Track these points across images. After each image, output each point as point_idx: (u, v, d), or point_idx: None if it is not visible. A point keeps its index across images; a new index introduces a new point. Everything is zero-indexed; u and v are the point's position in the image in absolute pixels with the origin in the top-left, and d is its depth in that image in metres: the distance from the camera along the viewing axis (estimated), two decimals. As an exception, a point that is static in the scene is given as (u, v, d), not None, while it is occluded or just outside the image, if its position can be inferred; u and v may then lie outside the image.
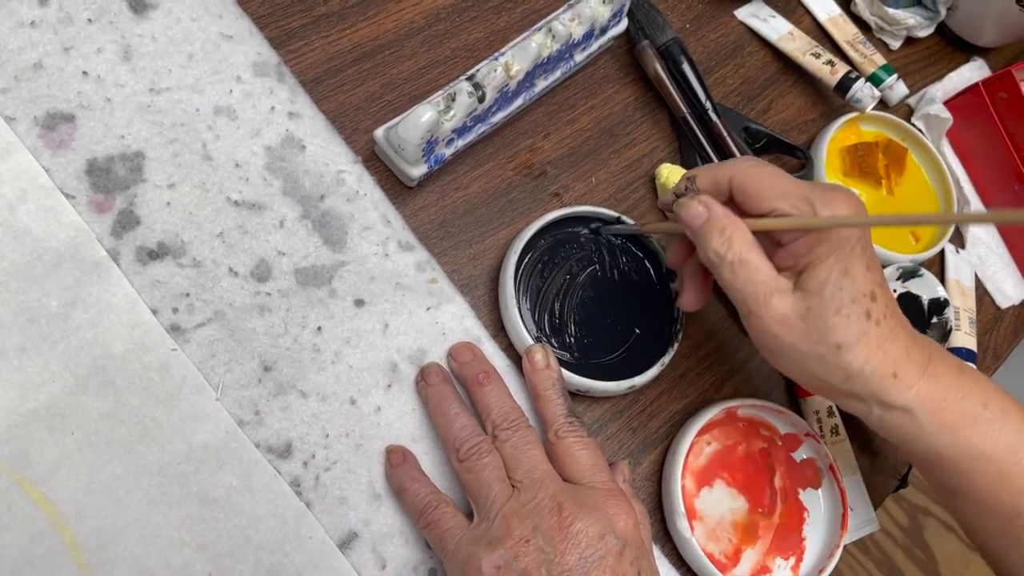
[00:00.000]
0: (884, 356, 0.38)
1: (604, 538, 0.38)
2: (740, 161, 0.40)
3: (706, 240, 0.39)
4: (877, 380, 0.38)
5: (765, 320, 0.38)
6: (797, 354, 0.38)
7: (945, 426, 0.39)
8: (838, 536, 0.48)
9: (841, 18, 0.64)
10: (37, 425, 0.36)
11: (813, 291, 0.37)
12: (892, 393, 0.38)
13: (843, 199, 0.38)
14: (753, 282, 0.38)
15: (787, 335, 0.38)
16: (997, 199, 0.64)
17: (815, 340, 0.37)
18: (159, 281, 0.40)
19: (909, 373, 0.38)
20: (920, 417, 0.39)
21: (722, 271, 0.38)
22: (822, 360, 0.38)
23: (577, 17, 0.48)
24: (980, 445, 0.39)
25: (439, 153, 0.45)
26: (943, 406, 0.39)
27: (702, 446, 0.48)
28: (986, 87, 0.61)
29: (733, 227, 0.38)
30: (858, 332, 0.37)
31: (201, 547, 0.38)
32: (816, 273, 0.37)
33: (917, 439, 0.39)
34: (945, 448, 0.39)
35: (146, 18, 0.43)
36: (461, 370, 0.44)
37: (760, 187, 0.39)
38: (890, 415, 0.39)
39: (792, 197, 0.38)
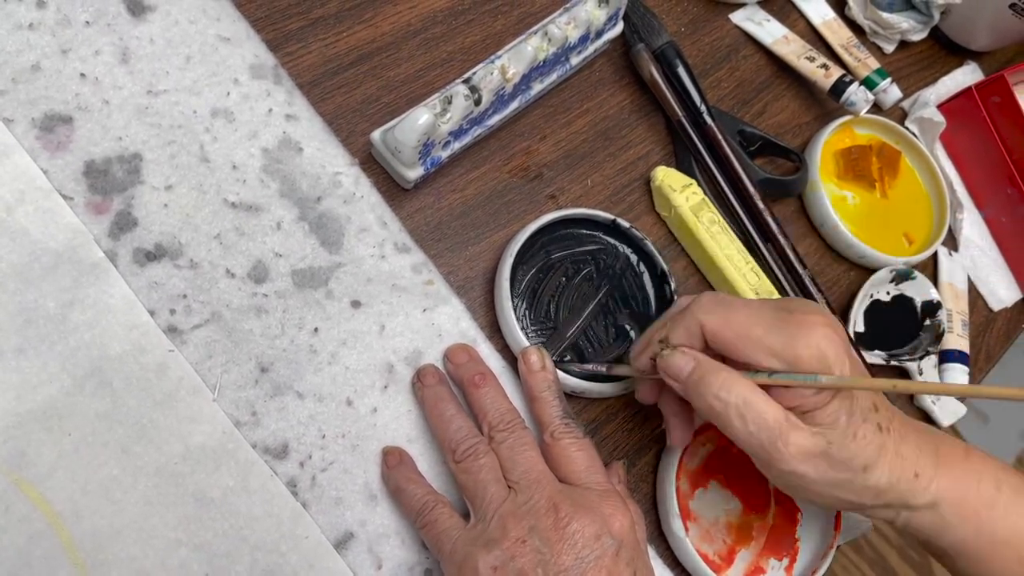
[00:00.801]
0: (903, 461, 0.38)
1: (600, 539, 0.38)
2: (705, 303, 0.39)
3: (702, 389, 0.38)
4: (904, 487, 0.38)
5: (788, 461, 0.37)
6: (825, 487, 0.38)
7: (967, 516, 0.39)
8: (831, 537, 0.48)
9: (835, 22, 0.65)
10: (35, 426, 0.37)
11: (829, 424, 0.37)
12: (917, 494, 0.39)
13: (821, 336, 0.37)
14: (766, 426, 0.37)
15: (812, 471, 0.37)
16: (989, 202, 0.64)
17: (841, 469, 0.37)
18: (156, 282, 0.40)
19: (926, 469, 0.39)
20: (944, 510, 0.39)
21: (729, 418, 0.37)
22: (851, 485, 0.38)
23: (573, 20, 0.48)
24: (1000, 531, 0.39)
25: (435, 156, 0.46)
26: (962, 495, 0.39)
27: (697, 447, 0.48)
28: (979, 91, 0.62)
29: (727, 372, 0.37)
30: (877, 448, 0.38)
31: (198, 547, 0.38)
32: (828, 410, 0.37)
33: (943, 533, 0.39)
34: (969, 538, 0.39)
35: (144, 20, 0.43)
36: (457, 372, 0.44)
37: (733, 338, 0.38)
38: (917, 516, 0.39)
39: (769, 350, 0.37)
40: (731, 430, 0.38)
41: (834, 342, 0.37)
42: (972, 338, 0.61)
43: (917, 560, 1.50)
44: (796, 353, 0.37)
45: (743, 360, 0.38)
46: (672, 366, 0.39)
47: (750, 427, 0.37)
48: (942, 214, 0.60)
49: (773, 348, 0.37)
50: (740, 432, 0.37)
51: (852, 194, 0.60)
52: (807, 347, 0.36)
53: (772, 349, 0.37)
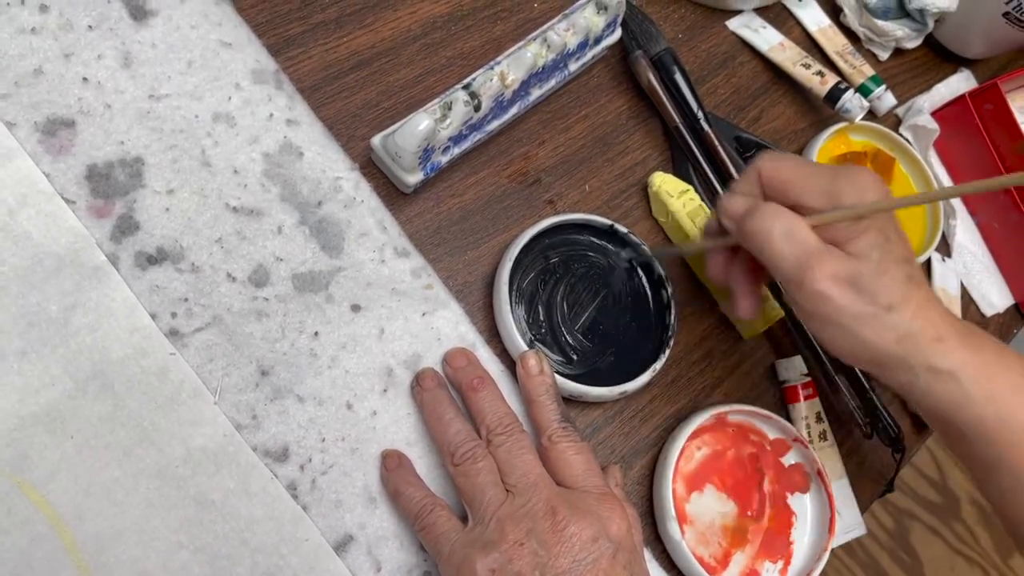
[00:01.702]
0: (927, 319, 0.39)
1: (597, 541, 0.38)
2: (764, 156, 0.42)
3: (755, 217, 0.39)
4: (926, 342, 0.38)
5: (818, 281, 0.38)
6: (849, 317, 0.38)
7: (988, 394, 0.38)
8: (825, 540, 0.48)
9: (831, 29, 0.65)
10: (37, 429, 0.37)
11: (862, 255, 0.38)
12: (939, 356, 0.38)
13: (866, 179, 0.39)
14: (804, 248, 0.38)
15: (839, 296, 0.38)
16: (982, 209, 0.65)
17: (866, 301, 0.38)
18: (158, 286, 0.41)
19: (951, 338, 0.39)
20: (966, 384, 0.38)
21: (772, 240, 0.38)
22: (874, 321, 0.38)
23: (572, 27, 0.49)
24: (1021, 417, 0.38)
25: (435, 161, 0.46)
26: (987, 374, 0.39)
27: (692, 451, 0.49)
28: (972, 98, 0.62)
29: (776, 206, 0.39)
30: (904, 293, 0.38)
31: (199, 549, 0.38)
32: (861, 240, 0.38)
33: (962, 407, 0.39)
34: (989, 418, 0.38)
35: (146, 25, 0.44)
36: (456, 375, 0.44)
37: (785, 178, 0.40)
38: (937, 381, 0.39)
39: (816, 187, 0.39)
40: (772, 251, 0.39)
41: (875, 187, 0.39)
42: (965, 343, 0.62)
43: (908, 562, 1.51)
44: (839, 190, 0.38)
45: (792, 199, 0.40)
46: (730, 205, 0.41)
47: (789, 247, 0.38)
48: (935, 220, 0.61)
49: (819, 187, 0.39)
50: (780, 252, 0.38)
51: (847, 200, 0.60)
52: (850, 187, 0.38)
53: (818, 188, 0.39)
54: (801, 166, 0.40)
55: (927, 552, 1.53)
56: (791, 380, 0.53)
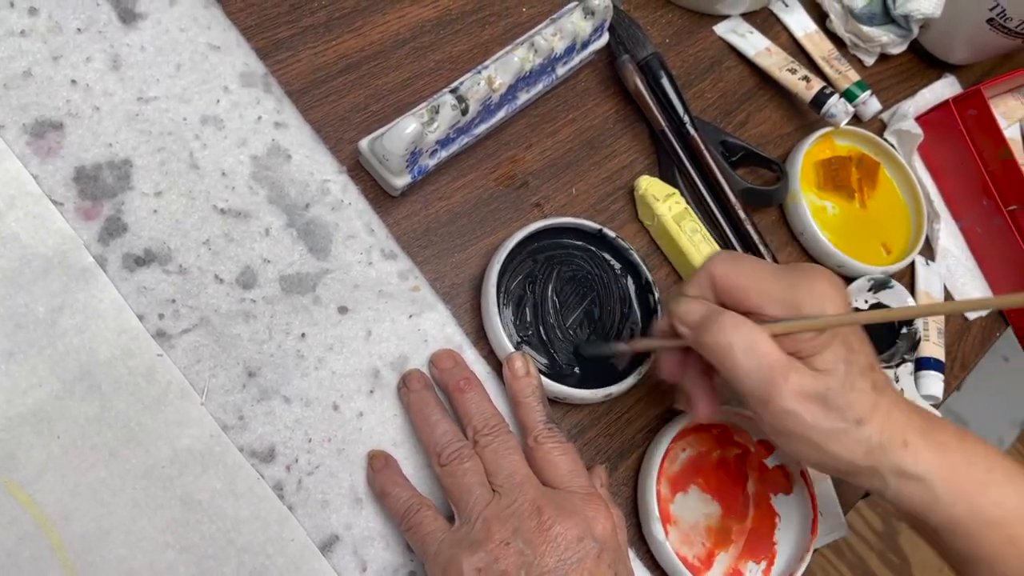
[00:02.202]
0: (894, 426, 0.39)
1: (582, 541, 0.39)
2: (717, 259, 0.41)
3: (711, 328, 0.38)
4: (893, 450, 0.39)
5: (786, 400, 0.37)
6: (817, 434, 0.38)
7: (958, 494, 0.39)
8: (808, 540, 0.49)
9: (817, 35, 0.66)
10: (24, 429, 0.37)
11: (828, 371, 0.38)
12: (907, 462, 0.39)
13: (824, 286, 0.38)
14: (768, 363, 0.37)
15: (808, 414, 0.38)
16: (966, 213, 0.66)
17: (835, 418, 0.38)
18: (145, 287, 0.41)
19: (917, 441, 0.39)
20: (935, 485, 0.39)
21: (734, 356, 0.38)
22: (845, 436, 0.38)
23: (559, 32, 0.49)
24: (992, 512, 0.39)
25: (423, 164, 0.46)
26: (954, 473, 0.39)
27: (677, 452, 0.49)
28: (956, 104, 0.63)
29: (734, 315, 0.39)
30: (871, 404, 0.38)
31: (185, 549, 0.38)
32: (827, 354, 0.38)
33: (933, 509, 0.40)
34: (959, 516, 0.39)
35: (135, 28, 0.44)
36: (442, 377, 0.45)
37: (742, 285, 0.39)
38: (907, 486, 0.39)
39: (775, 297, 0.38)
40: (734, 368, 0.38)
41: (834, 294, 0.38)
42: (947, 346, 0.62)
43: (896, 563, 1.51)
44: (798, 300, 0.38)
45: (750, 308, 0.39)
46: (683, 311, 0.40)
47: (752, 363, 0.37)
48: (919, 224, 0.61)
49: (777, 295, 0.38)
50: (743, 368, 0.38)
51: (832, 204, 0.61)
52: (809, 295, 0.38)
53: (776, 296, 0.38)
54: (757, 271, 0.40)
55: (915, 554, 1.54)
56: (775, 382, 0.54)
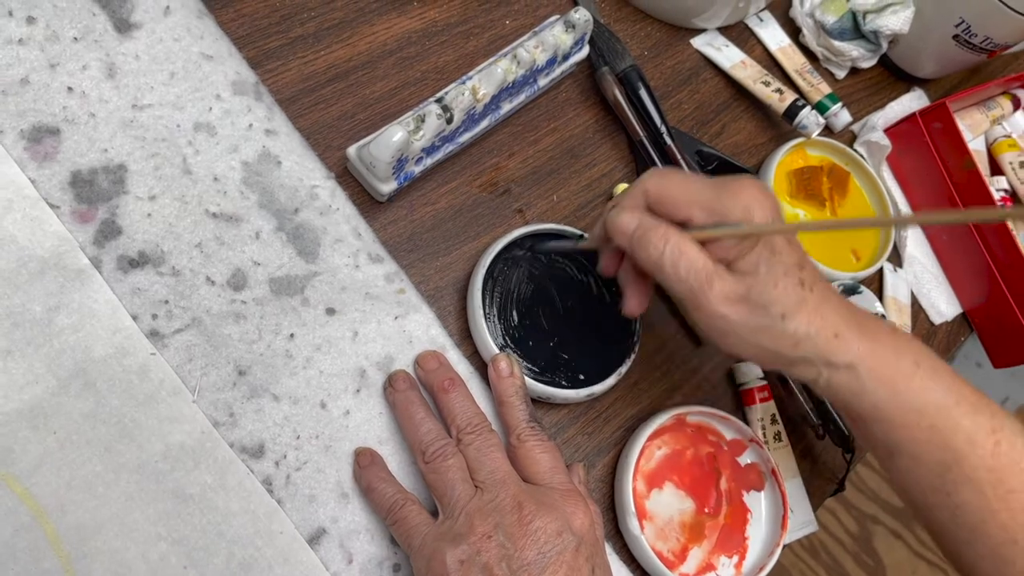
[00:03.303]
0: (823, 319, 0.40)
1: (561, 535, 0.40)
2: (650, 174, 0.42)
3: (643, 241, 0.40)
4: (823, 342, 0.40)
5: (712, 303, 0.39)
6: (746, 330, 0.40)
7: (884, 381, 0.41)
8: (779, 536, 0.51)
9: (790, 48, 0.68)
10: (21, 424, 0.38)
11: (749, 271, 0.40)
12: (837, 352, 0.40)
13: (750, 191, 0.40)
14: (695, 270, 0.39)
15: (733, 314, 0.40)
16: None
17: (760, 314, 0.40)
18: (139, 289, 0.42)
19: (847, 333, 0.41)
20: (862, 374, 0.41)
21: (664, 265, 0.40)
22: (770, 331, 0.40)
23: (541, 44, 0.51)
24: (914, 400, 0.41)
25: (409, 170, 0.48)
26: (882, 363, 0.41)
27: (653, 450, 0.51)
28: (922, 117, 0.65)
29: (666, 226, 0.40)
30: (797, 300, 0.40)
31: (177, 541, 0.40)
32: (748, 258, 0.40)
33: (860, 396, 0.41)
34: (884, 403, 0.41)
35: (130, 37, 0.45)
36: (427, 377, 0.46)
37: (672, 196, 0.41)
38: (836, 375, 0.41)
39: (702, 205, 0.40)
40: (666, 276, 0.40)
41: (760, 200, 0.40)
42: (914, 349, 0.64)
43: (871, 565, 1.54)
44: (724, 207, 0.39)
45: (679, 217, 0.40)
46: (618, 222, 0.41)
47: (681, 272, 0.39)
48: (888, 232, 0.64)
49: (703, 203, 0.40)
50: (672, 277, 0.40)
51: (804, 212, 0.63)
52: (735, 203, 0.39)
53: (703, 203, 0.40)
54: (686, 182, 0.41)
55: (889, 556, 1.56)
56: (747, 383, 0.56)
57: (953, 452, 0.41)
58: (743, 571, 0.51)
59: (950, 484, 0.41)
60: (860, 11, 0.66)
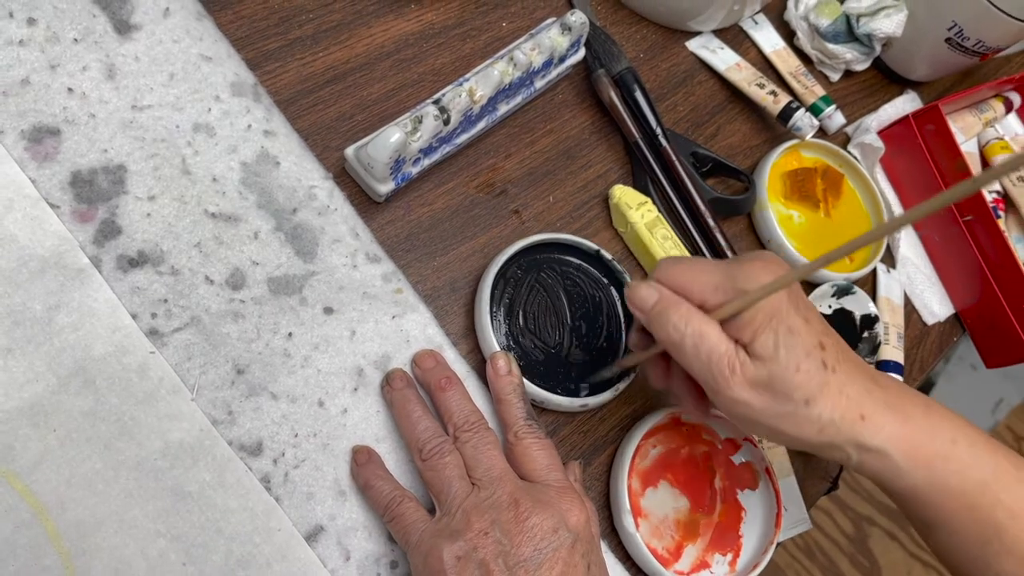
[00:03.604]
0: (848, 401, 0.40)
1: (557, 532, 0.41)
2: (661, 264, 0.43)
3: (663, 319, 0.40)
4: (848, 426, 0.40)
5: (735, 390, 0.39)
6: (769, 418, 0.40)
7: (920, 464, 0.40)
8: (772, 534, 0.51)
9: (785, 51, 0.69)
10: (21, 421, 0.39)
11: (768, 357, 0.39)
12: (865, 435, 0.40)
13: (763, 268, 0.40)
14: (716, 355, 0.39)
15: (756, 402, 0.39)
16: (924, 223, 0.69)
17: (783, 401, 0.39)
18: (139, 288, 0.42)
19: (875, 413, 0.40)
20: (895, 457, 0.40)
21: (685, 347, 0.40)
22: (794, 418, 0.39)
23: (537, 46, 0.51)
24: (952, 481, 0.41)
25: (406, 171, 0.48)
26: (916, 445, 0.40)
27: (648, 449, 0.51)
28: (915, 119, 0.66)
29: (687, 305, 0.40)
30: (820, 384, 0.39)
31: (176, 538, 0.40)
32: (764, 340, 0.39)
33: (895, 478, 0.41)
34: (920, 485, 0.41)
35: (130, 39, 0.46)
36: (424, 376, 0.47)
37: (683, 283, 0.41)
38: (868, 457, 0.41)
39: (717, 288, 0.40)
40: (686, 358, 0.40)
41: (775, 268, 0.40)
42: (907, 350, 0.65)
43: (867, 566, 1.55)
44: (737, 285, 0.39)
45: (696, 302, 0.40)
46: (638, 296, 0.42)
47: (702, 356, 0.39)
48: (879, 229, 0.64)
49: (715, 283, 0.40)
50: (694, 360, 0.40)
51: (798, 213, 0.63)
52: (747, 278, 0.39)
53: (715, 284, 0.40)
54: (695, 266, 0.41)
55: (885, 557, 1.57)
56: (742, 383, 0.56)
57: (994, 527, 0.41)
58: (737, 569, 0.51)
59: (991, 556, 0.41)
60: (854, 14, 0.67)
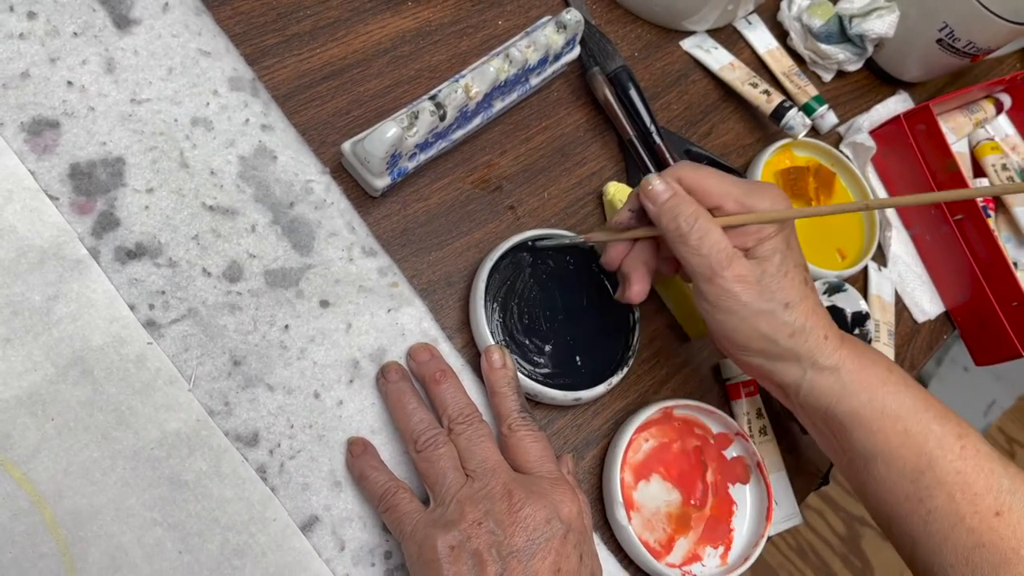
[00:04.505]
0: (817, 318, 0.44)
1: (550, 523, 0.41)
2: (683, 165, 0.46)
3: (675, 211, 0.43)
4: (815, 339, 0.44)
5: (727, 279, 0.42)
6: (750, 311, 0.43)
7: (863, 385, 0.44)
8: (763, 528, 0.52)
9: (778, 51, 0.69)
10: (19, 411, 0.39)
11: (765, 258, 0.43)
12: (825, 352, 0.44)
13: (774, 192, 0.44)
14: (717, 248, 0.42)
15: (744, 293, 0.43)
16: (916, 221, 0.69)
17: (767, 298, 0.43)
18: (137, 279, 0.43)
19: (834, 337, 0.44)
20: (844, 376, 0.44)
21: (689, 237, 0.43)
22: (772, 316, 0.43)
23: (533, 44, 0.52)
24: (891, 404, 0.44)
25: (402, 166, 0.49)
26: (860, 367, 0.44)
27: (640, 443, 0.52)
28: (907, 119, 0.67)
29: (697, 204, 0.44)
30: (800, 294, 0.44)
31: (172, 527, 0.40)
32: (766, 246, 0.43)
33: (840, 399, 0.44)
34: (863, 406, 0.44)
35: (129, 33, 0.46)
36: (419, 369, 0.47)
37: (706, 186, 0.44)
38: (820, 376, 0.44)
39: (734, 197, 0.44)
40: (688, 248, 0.43)
41: (783, 202, 0.44)
42: (897, 347, 0.66)
43: (859, 567, 1.55)
44: (753, 202, 0.43)
45: (710, 204, 0.44)
46: (653, 188, 0.44)
47: (704, 248, 0.43)
48: (872, 232, 0.65)
49: (736, 195, 0.44)
50: (695, 249, 0.43)
51: (790, 211, 0.64)
52: (762, 199, 0.43)
53: (735, 196, 0.44)
54: (720, 176, 0.45)
55: (877, 557, 1.58)
56: (734, 378, 0.57)
57: (927, 456, 0.43)
58: (728, 562, 0.52)
59: (923, 489, 0.43)
60: (846, 15, 0.68)
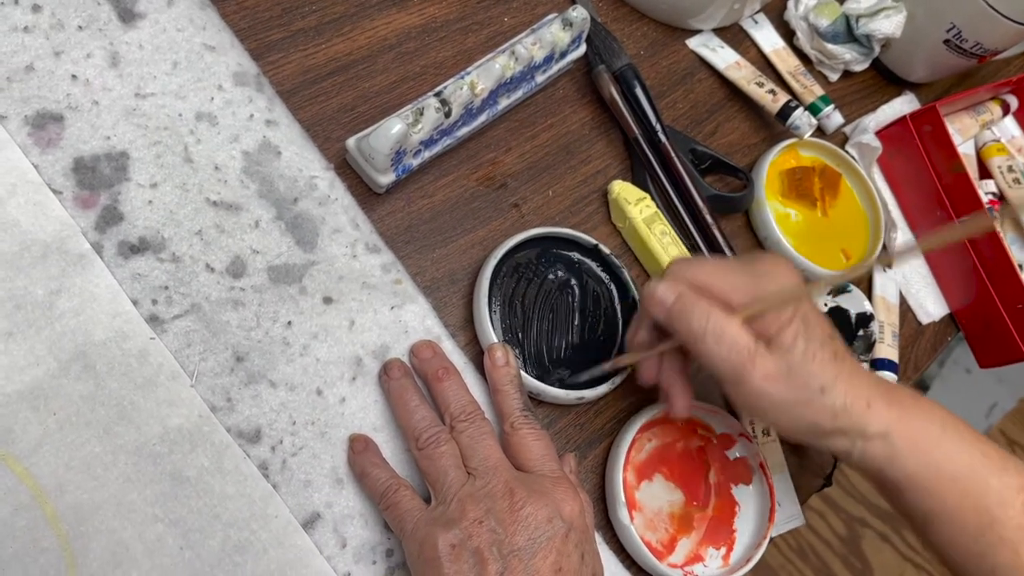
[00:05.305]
0: (856, 390, 0.42)
1: (551, 522, 0.41)
2: (678, 264, 0.44)
3: (685, 315, 0.42)
4: (858, 413, 0.42)
5: (755, 381, 0.41)
6: (787, 405, 0.41)
7: (916, 448, 0.42)
8: (766, 528, 0.52)
9: (784, 51, 0.69)
10: (21, 405, 0.39)
11: (788, 348, 0.41)
12: (871, 422, 0.42)
13: (783, 271, 0.43)
14: (736, 349, 0.41)
15: (775, 391, 0.41)
16: (921, 222, 0.69)
17: (801, 390, 0.41)
18: (140, 274, 0.43)
19: (877, 402, 0.42)
20: (895, 441, 0.42)
21: (706, 342, 0.41)
22: (811, 405, 0.41)
23: (539, 41, 0.52)
24: (946, 464, 0.42)
25: (407, 163, 0.49)
26: (911, 429, 0.42)
27: (643, 442, 0.52)
28: (913, 120, 0.66)
29: (708, 302, 0.42)
30: (833, 373, 0.41)
31: (173, 523, 0.40)
32: (787, 333, 0.41)
33: (893, 464, 0.42)
34: (917, 470, 0.42)
35: (134, 27, 0.46)
36: (422, 366, 0.47)
37: (708, 283, 0.42)
38: (870, 445, 0.42)
39: (739, 289, 0.42)
40: (708, 353, 0.41)
41: (792, 277, 0.43)
42: (901, 349, 0.65)
43: (859, 568, 1.55)
44: (761, 286, 0.42)
45: (718, 299, 0.42)
46: (658, 294, 0.43)
47: (724, 351, 0.41)
48: (877, 232, 0.64)
49: (740, 285, 0.42)
50: (715, 355, 0.41)
51: (795, 212, 0.64)
52: (770, 283, 0.42)
53: (739, 286, 0.42)
54: (718, 267, 0.44)
55: (877, 558, 1.58)
56: (738, 378, 0.57)
57: (988, 515, 0.42)
58: (730, 562, 0.52)
59: (985, 547, 0.42)
60: (853, 15, 0.67)
